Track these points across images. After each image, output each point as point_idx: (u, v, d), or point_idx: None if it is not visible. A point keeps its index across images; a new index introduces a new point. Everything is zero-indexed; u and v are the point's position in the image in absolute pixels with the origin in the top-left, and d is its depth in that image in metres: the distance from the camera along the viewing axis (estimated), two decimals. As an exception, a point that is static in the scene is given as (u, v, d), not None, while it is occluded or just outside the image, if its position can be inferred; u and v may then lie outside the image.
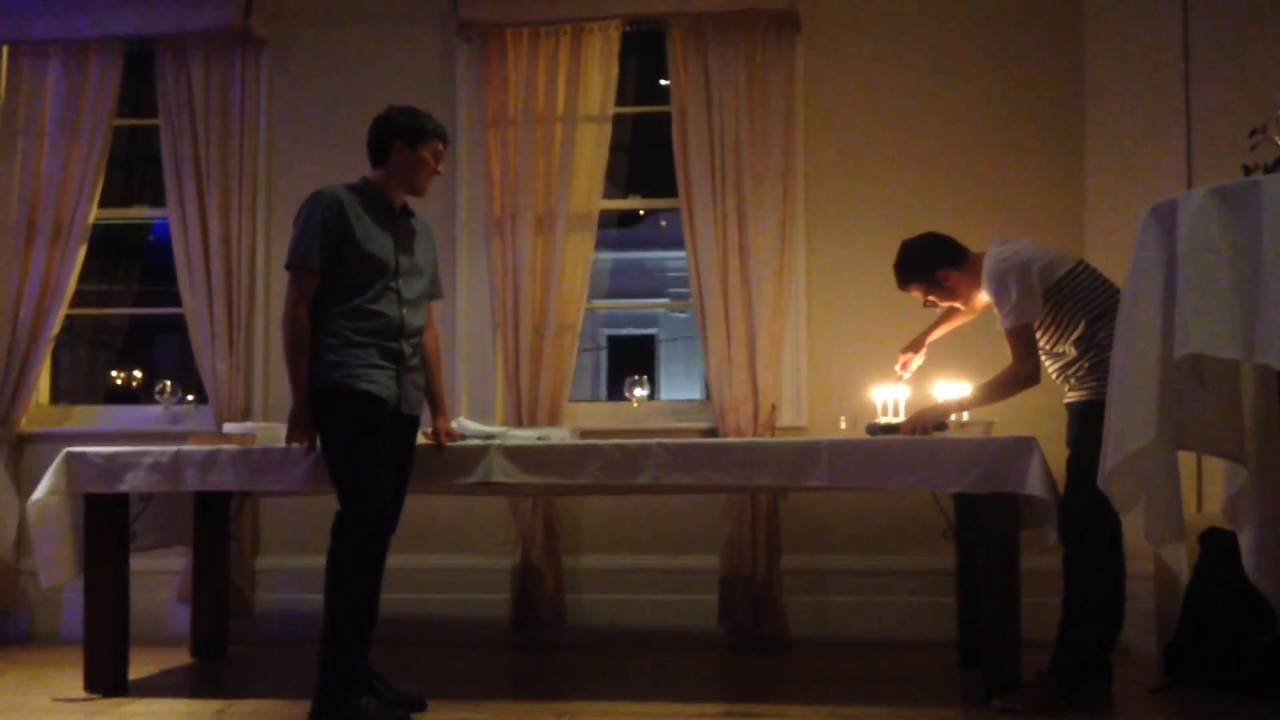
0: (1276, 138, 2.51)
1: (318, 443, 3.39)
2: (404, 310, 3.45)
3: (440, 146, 3.51)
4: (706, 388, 4.73)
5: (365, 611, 3.31)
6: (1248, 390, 2.79)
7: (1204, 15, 4.05)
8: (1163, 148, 4.16)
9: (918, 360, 3.92)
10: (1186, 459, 2.82)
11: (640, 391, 4.66)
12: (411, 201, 3.55)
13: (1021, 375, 3.49)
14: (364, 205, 3.43)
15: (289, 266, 3.37)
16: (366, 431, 3.33)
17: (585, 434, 4.15)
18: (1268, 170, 2.49)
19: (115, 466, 3.70)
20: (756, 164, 4.63)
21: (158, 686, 3.89)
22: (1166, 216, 2.51)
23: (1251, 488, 2.82)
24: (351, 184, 3.48)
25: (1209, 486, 3.87)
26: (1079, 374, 3.45)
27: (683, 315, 15.95)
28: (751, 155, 4.63)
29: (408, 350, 3.46)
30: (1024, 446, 3.36)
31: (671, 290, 16.44)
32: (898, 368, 3.91)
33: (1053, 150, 4.64)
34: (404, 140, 3.44)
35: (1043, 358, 3.53)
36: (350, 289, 3.37)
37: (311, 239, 3.33)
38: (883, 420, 3.78)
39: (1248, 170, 2.56)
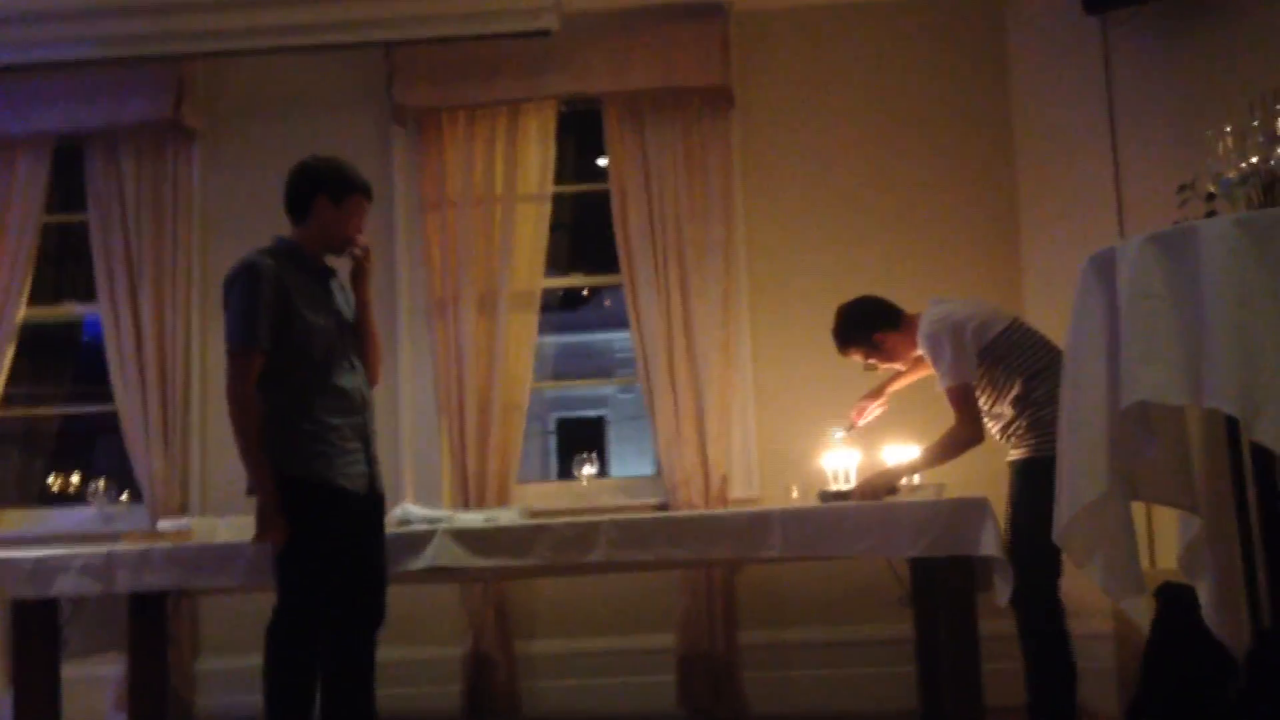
0: (1208, 184, 2.54)
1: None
2: (360, 380, 3.30)
3: (366, 203, 3.33)
4: (657, 464, 4.67)
5: (306, 716, 3.14)
6: (1196, 437, 2.79)
7: (1127, 73, 4.16)
8: (1094, 205, 4.24)
9: (877, 409, 3.88)
10: (1138, 511, 2.80)
11: (589, 469, 4.59)
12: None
13: (964, 436, 3.47)
14: (297, 271, 3.23)
15: (235, 351, 3.12)
16: (335, 532, 3.14)
17: (535, 514, 4.06)
18: (1198, 223, 2.52)
19: (44, 570, 3.54)
20: (697, 238, 4.64)
21: (92, 801, 3.70)
22: (1106, 267, 2.52)
23: (1206, 537, 2.81)
24: (271, 248, 3.25)
25: (1161, 539, 3.86)
26: (1018, 432, 3.44)
27: (629, 395, 15.96)
28: (692, 229, 4.64)
29: (372, 424, 3.34)
30: (976, 507, 3.32)
31: (619, 371, 16.43)
32: (852, 414, 3.88)
33: (987, 211, 4.73)
34: (329, 196, 3.25)
35: (984, 418, 3.52)
36: (306, 364, 3.16)
37: (255, 315, 3.10)
38: (834, 488, 3.74)
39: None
